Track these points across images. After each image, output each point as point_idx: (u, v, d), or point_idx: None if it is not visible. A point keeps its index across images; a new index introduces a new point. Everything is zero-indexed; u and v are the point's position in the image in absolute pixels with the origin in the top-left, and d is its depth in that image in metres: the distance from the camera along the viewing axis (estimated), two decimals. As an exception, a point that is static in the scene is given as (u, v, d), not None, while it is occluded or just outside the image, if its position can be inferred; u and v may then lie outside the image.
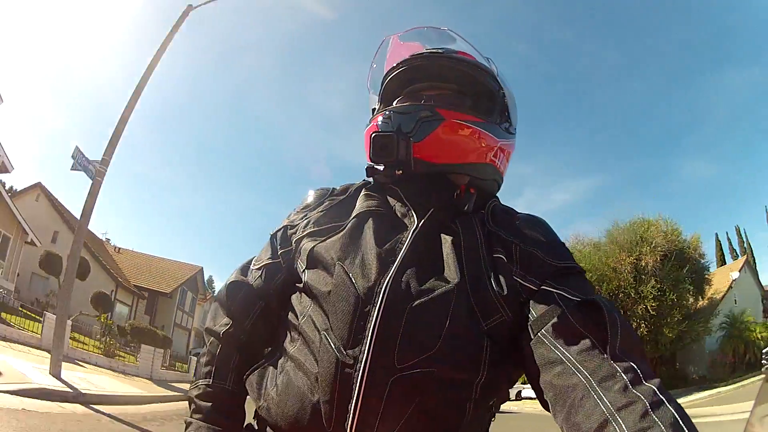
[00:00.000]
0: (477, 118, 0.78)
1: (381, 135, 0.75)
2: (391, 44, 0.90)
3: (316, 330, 0.67)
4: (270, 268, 0.82)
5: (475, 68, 0.83)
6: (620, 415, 0.51)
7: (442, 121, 0.74)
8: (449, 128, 0.75)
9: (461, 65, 0.83)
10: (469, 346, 0.64)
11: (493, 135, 0.79)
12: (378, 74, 0.89)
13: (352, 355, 0.62)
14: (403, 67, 0.84)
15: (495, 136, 0.79)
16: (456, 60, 0.83)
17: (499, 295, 0.66)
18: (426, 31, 0.90)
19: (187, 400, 0.78)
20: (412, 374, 0.62)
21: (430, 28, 0.90)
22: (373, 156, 0.76)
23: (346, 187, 0.87)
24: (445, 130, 0.74)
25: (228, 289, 0.82)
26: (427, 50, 0.84)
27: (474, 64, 0.84)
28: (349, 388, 0.62)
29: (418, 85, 0.84)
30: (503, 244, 0.71)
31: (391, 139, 0.73)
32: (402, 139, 0.73)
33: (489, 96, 0.84)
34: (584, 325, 0.61)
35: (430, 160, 0.75)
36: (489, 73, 0.84)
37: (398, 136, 0.73)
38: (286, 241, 0.82)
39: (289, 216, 0.86)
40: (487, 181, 0.81)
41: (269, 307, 0.80)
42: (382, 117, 0.78)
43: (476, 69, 0.83)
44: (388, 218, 0.76)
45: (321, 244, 0.74)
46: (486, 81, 0.83)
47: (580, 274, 0.71)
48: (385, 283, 0.65)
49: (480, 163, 0.78)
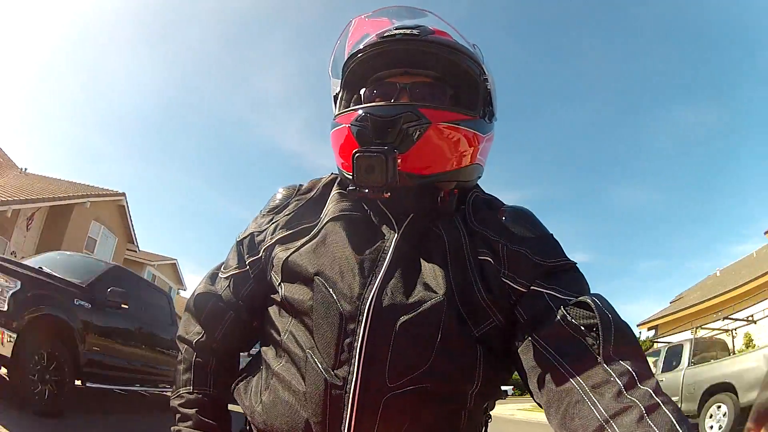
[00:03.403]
0: (463, 115, 0.70)
1: (366, 156, 0.65)
2: (354, 23, 0.79)
3: (300, 348, 0.64)
4: (237, 277, 0.78)
5: (456, 52, 0.73)
6: (616, 422, 0.50)
7: (429, 125, 0.66)
8: (437, 133, 0.67)
9: (440, 50, 0.72)
10: (462, 357, 0.62)
11: (480, 131, 0.72)
12: (341, 56, 0.79)
13: (341, 375, 0.60)
14: (371, 52, 0.73)
15: (481, 133, 0.73)
16: (433, 44, 0.72)
17: (488, 299, 0.64)
18: (397, 9, 0.80)
19: (171, 410, 0.77)
20: (405, 392, 0.60)
21: (401, 7, 0.80)
22: (357, 179, 0.66)
23: (313, 183, 0.81)
24: (432, 136, 0.66)
25: (196, 301, 0.81)
26: (398, 30, 0.73)
27: (453, 47, 0.73)
28: (339, 409, 0.59)
29: (389, 72, 0.74)
30: (489, 244, 0.67)
31: (380, 159, 0.64)
32: (390, 157, 0.64)
33: (470, 83, 0.75)
34: (575, 326, 0.59)
35: (418, 173, 0.67)
36: (470, 56, 0.74)
37: (387, 156, 0.64)
38: (254, 248, 0.77)
39: (255, 219, 0.80)
40: (471, 180, 0.76)
41: (239, 317, 0.78)
42: (356, 120, 0.68)
43: (456, 53, 0.73)
44: (364, 223, 0.71)
45: (295, 254, 0.69)
46: (467, 67, 0.74)
47: (572, 269, 0.68)
48: (370, 297, 0.61)
49: (468, 166, 0.72)
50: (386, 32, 0.73)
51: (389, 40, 0.72)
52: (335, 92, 0.80)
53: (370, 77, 0.76)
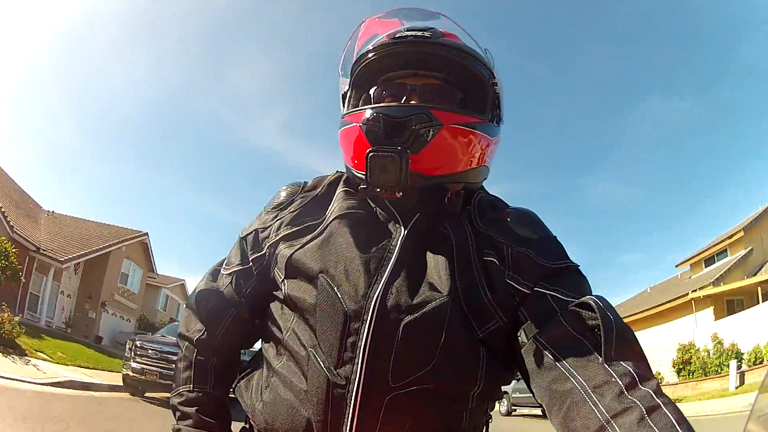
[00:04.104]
0: (474, 118, 0.71)
1: (380, 155, 0.65)
2: (366, 23, 0.81)
3: (302, 346, 0.65)
4: (240, 274, 0.78)
5: (466, 56, 0.74)
6: (616, 423, 0.51)
7: (440, 127, 0.66)
8: (448, 135, 0.68)
9: (450, 53, 0.73)
10: (465, 358, 0.63)
11: (488, 135, 0.73)
12: (351, 55, 0.79)
13: (343, 374, 0.60)
14: (382, 52, 0.74)
15: (490, 136, 0.73)
16: (444, 47, 0.73)
17: (493, 300, 0.64)
18: (408, 11, 0.81)
19: (171, 408, 0.77)
20: (408, 392, 0.60)
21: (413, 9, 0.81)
22: (371, 178, 0.66)
23: (318, 181, 0.81)
24: (443, 137, 0.67)
25: (198, 297, 0.81)
26: (410, 32, 0.74)
27: (464, 50, 0.74)
28: (341, 408, 0.60)
29: (399, 72, 0.75)
30: (494, 245, 0.68)
31: (394, 159, 0.64)
32: (404, 158, 0.64)
33: (480, 87, 0.76)
34: (578, 327, 0.60)
35: (429, 173, 0.67)
36: (480, 60, 0.75)
37: (401, 156, 0.64)
38: (258, 245, 0.77)
39: (260, 216, 0.80)
40: (478, 182, 0.77)
41: (241, 315, 0.78)
42: (368, 119, 0.68)
43: (467, 57, 0.74)
44: (370, 222, 0.71)
45: (299, 251, 0.69)
46: (477, 70, 0.75)
47: (575, 271, 0.68)
48: (374, 297, 0.62)
49: (476, 168, 0.72)
50: (397, 33, 0.74)
51: (400, 41, 0.73)
52: (344, 91, 0.81)
53: (380, 77, 0.77)
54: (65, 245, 15.88)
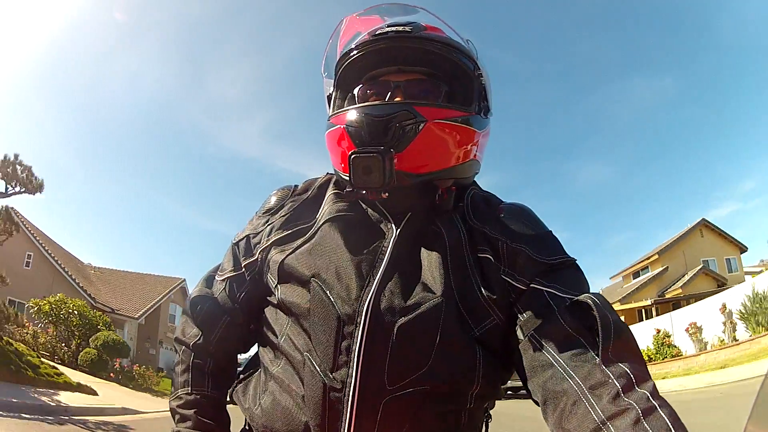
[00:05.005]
0: (459, 111, 0.70)
1: (363, 156, 0.64)
2: (346, 22, 0.79)
3: (297, 351, 0.65)
4: (233, 280, 0.78)
5: (449, 48, 0.73)
6: (612, 425, 0.50)
7: (425, 123, 0.65)
8: (433, 131, 0.66)
9: (433, 46, 0.72)
10: (462, 358, 0.63)
11: (476, 127, 0.71)
12: (333, 55, 0.79)
13: (339, 378, 0.60)
14: (364, 50, 0.73)
15: (478, 129, 0.72)
16: (426, 40, 0.72)
17: (488, 298, 0.64)
18: (388, 6, 0.79)
19: (170, 411, 0.78)
20: (405, 394, 0.60)
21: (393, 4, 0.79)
22: (355, 180, 0.65)
23: (308, 183, 0.81)
24: (428, 134, 0.66)
25: (192, 304, 0.81)
26: (391, 28, 0.72)
27: (447, 42, 0.73)
28: (338, 411, 0.60)
29: (383, 69, 0.74)
30: (489, 242, 0.67)
31: (377, 160, 0.63)
32: (387, 158, 0.63)
33: (465, 79, 0.74)
34: (575, 326, 0.59)
35: (416, 171, 0.67)
36: (463, 51, 0.74)
37: (383, 156, 0.63)
38: (250, 250, 0.77)
39: (251, 221, 0.80)
40: (468, 177, 0.76)
41: (235, 321, 0.78)
42: (351, 120, 0.67)
43: (449, 49, 0.73)
44: (361, 223, 0.71)
45: (291, 256, 0.69)
46: (461, 62, 0.73)
47: (572, 267, 0.67)
48: (367, 300, 0.62)
49: (465, 162, 0.71)
50: (379, 30, 0.73)
51: (382, 38, 0.72)
52: (328, 92, 0.80)
53: (364, 76, 0.76)
54: (129, 302, 20.94)
